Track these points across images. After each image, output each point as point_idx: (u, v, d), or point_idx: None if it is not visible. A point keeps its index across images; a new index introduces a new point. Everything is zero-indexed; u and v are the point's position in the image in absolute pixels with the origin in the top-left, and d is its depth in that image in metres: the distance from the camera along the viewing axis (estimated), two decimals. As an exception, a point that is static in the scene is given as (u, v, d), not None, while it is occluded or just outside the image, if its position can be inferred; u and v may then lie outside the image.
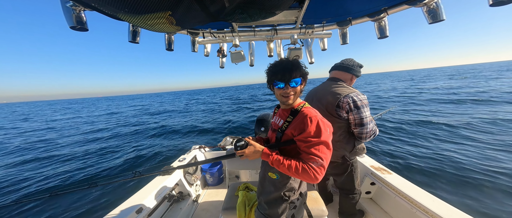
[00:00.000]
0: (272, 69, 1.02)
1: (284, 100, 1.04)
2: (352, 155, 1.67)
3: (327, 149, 0.92)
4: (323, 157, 0.89)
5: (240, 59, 2.30)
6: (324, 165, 0.89)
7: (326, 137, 0.93)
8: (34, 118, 28.12)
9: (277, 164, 0.95)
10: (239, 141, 1.04)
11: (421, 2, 1.38)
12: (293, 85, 0.99)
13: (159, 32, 1.33)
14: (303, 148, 0.94)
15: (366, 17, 1.82)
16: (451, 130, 6.49)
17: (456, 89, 17.82)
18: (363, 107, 1.48)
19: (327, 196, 2.19)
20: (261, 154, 1.01)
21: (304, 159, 0.92)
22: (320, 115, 1.00)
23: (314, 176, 0.87)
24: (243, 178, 2.92)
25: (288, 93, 1.00)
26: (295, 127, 0.99)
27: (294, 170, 0.90)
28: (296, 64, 0.99)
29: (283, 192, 1.09)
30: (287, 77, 0.96)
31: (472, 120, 7.29)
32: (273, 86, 1.05)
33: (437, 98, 13.31)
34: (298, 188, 1.13)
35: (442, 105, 10.76)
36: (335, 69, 1.72)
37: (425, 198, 1.59)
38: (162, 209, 2.10)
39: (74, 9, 1.11)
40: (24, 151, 8.70)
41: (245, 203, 1.53)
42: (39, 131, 14.67)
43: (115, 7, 0.77)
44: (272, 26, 2.01)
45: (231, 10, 1.09)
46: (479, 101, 10.90)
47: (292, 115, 1.04)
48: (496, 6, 1.13)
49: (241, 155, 1.02)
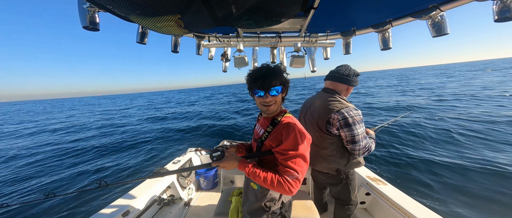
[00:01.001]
0: (252, 76, 0.98)
1: (264, 110, 1.02)
2: (346, 169, 1.61)
3: (303, 162, 0.90)
4: (298, 170, 0.88)
5: (243, 64, 2.33)
6: (299, 178, 0.88)
7: (303, 150, 0.91)
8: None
9: (253, 176, 0.93)
10: (215, 151, 1.00)
11: (427, 15, 1.40)
12: (273, 93, 0.95)
13: (167, 34, 1.37)
14: (280, 160, 0.92)
15: (371, 28, 1.84)
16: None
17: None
18: (354, 124, 1.40)
19: (322, 206, 2.16)
20: (237, 165, 0.98)
21: (280, 172, 0.90)
22: (299, 125, 0.98)
23: (289, 189, 0.86)
24: (238, 183, 2.88)
25: (268, 102, 0.97)
26: (274, 138, 0.97)
27: (270, 182, 0.89)
28: (276, 71, 0.96)
29: (264, 203, 1.07)
30: (267, 85, 0.93)
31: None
32: (254, 94, 1.01)
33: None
34: (279, 198, 1.11)
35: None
36: (330, 79, 1.64)
37: (419, 210, 1.59)
38: (150, 213, 2.06)
39: (90, 10, 1.16)
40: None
41: (238, 209, 1.50)
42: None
43: (128, 10, 0.80)
44: (277, 33, 2.05)
45: (238, 16, 1.12)
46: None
47: (272, 125, 1.02)
48: (501, 22, 1.15)
49: (217, 165, 0.98)
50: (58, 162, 6.93)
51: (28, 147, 9.39)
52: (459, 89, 16.91)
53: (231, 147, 1.24)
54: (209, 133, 9.47)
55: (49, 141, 10.42)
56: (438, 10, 1.34)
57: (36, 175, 5.93)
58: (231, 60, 2.48)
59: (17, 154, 8.25)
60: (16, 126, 18.19)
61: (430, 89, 18.87)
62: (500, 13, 1.13)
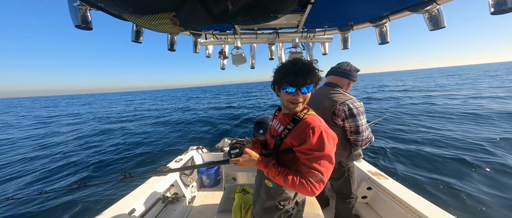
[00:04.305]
0: (284, 71, 0.90)
1: (291, 107, 0.94)
2: (348, 161, 1.67)
3: (329, 163, 0.84)
4: (324, 171, 0.82)
5: (241, 61, 2.31)
6: (324, 180, 0.82)
7: (330, 150, 0.84)
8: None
9: (272, 175, 0.90)
10: (233, 148, 0.96)
11: (423, 9, 1.39)
12: (304, 91, 0.88)
13: (162, 32, 1.34)
14: (303, 160, 0.86)
15: (368, 23, 1.83)
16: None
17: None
18: (359, 115, 1.48)
19: (324, 200, 2.19)
20: (256, 163, 0.95)
21: (302, 172, 0.85)
22: (324, 123, 0.91)
23: (312, 190, 0.82)
24: (240, 180, 2.90)
25: (297, 100, 0.90)
26: (295, 136, 0.90)
27: (291, 183, 0.85)
28: (312, 69, 0.88)
29: (278, 201, 1.05)
30: (301, 82, 0.85)
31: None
32: (280, 89, 0.94)
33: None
34: (294, 197, 1.08)
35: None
36: (332, 74, 1.72)
37: (420, 204, 1.61)
38: (156, 211, 2.09)
39: (81, 8, 1.12)
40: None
41: (241, 205, 1.52)
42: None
43: (121, 8, 0.78)
44: (274, 29, 2.03)
45: (234, 13, 1.10)
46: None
47: (293, 122, 0.95)
48: (497, 14, 1.14)
49: (235, 162, 0.96)
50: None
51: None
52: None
53: (247, 143, 1.17)
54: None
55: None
56: (435, 3, 1.33)
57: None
58: (229, 58, 2.46)
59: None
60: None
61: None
62: (497, 6, 1.12)
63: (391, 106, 12.45)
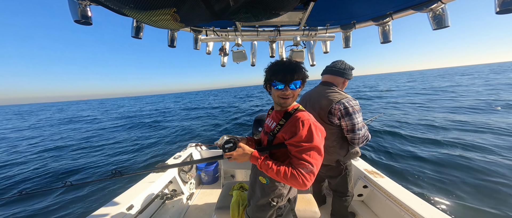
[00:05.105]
0: (273, 69, 0.99)
1: (281, 102, 1.02)
2: (346, 159, 1.68)
3: (318, 155, 0.89)
4: (313, 163, 0.86)
5: (242, 58, 2.30)
6: (313, 171, 0.86)
7: (318, 142, 0.90)
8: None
9: (265, 168, 0.92)
10: (228, 143, 1.00)
11: (427, 8, 1.38)
12: (292, 87, 0.96)
13: (163, 28, 1.32)
14: (294, 153, 0.91)
15: (371, 21, 1.82)
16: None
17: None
18: (354, 113, 1.48)
19: (321, 198, 2.21)
20: (249, 157, 0.97)
21: (294, 164, 0.89)
22: (313, 118, 0.98)
23: (303, 182, 0.85)
24: (239, 178, 2.91)
25: (287, 95, 0.98)
26: (287, 130, 0.97)
27: (283, 175, 0.87)
28: (298, 66, 0.97)
29: (272, 198, 1.08)
30: (289, 78, 0.94)
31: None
32: (271, 86, 1.01)
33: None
34: (287, 193, 1.11)
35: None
36: (327, 73, 1.71)
37: (414, 202, 1.63)
38: (154, 207, 2.09)
39: (80, 3, 1.11)
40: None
41: (239, 202, 1.53)
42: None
43: (121, 2, 0.77)
44: (276, 26, 2.01)
45: (235, 9, 1.08)
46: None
47: (284, 118, 1.02)
48: (503, 13, 1.13)
49: (229, 157, 0.98)
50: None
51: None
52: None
53: (242, 140, 1.22)
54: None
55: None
56: (440, 2, 1.31)
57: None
58: (230, 55, 2.44)
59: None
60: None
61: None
62: (503, 5, 1.11)
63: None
